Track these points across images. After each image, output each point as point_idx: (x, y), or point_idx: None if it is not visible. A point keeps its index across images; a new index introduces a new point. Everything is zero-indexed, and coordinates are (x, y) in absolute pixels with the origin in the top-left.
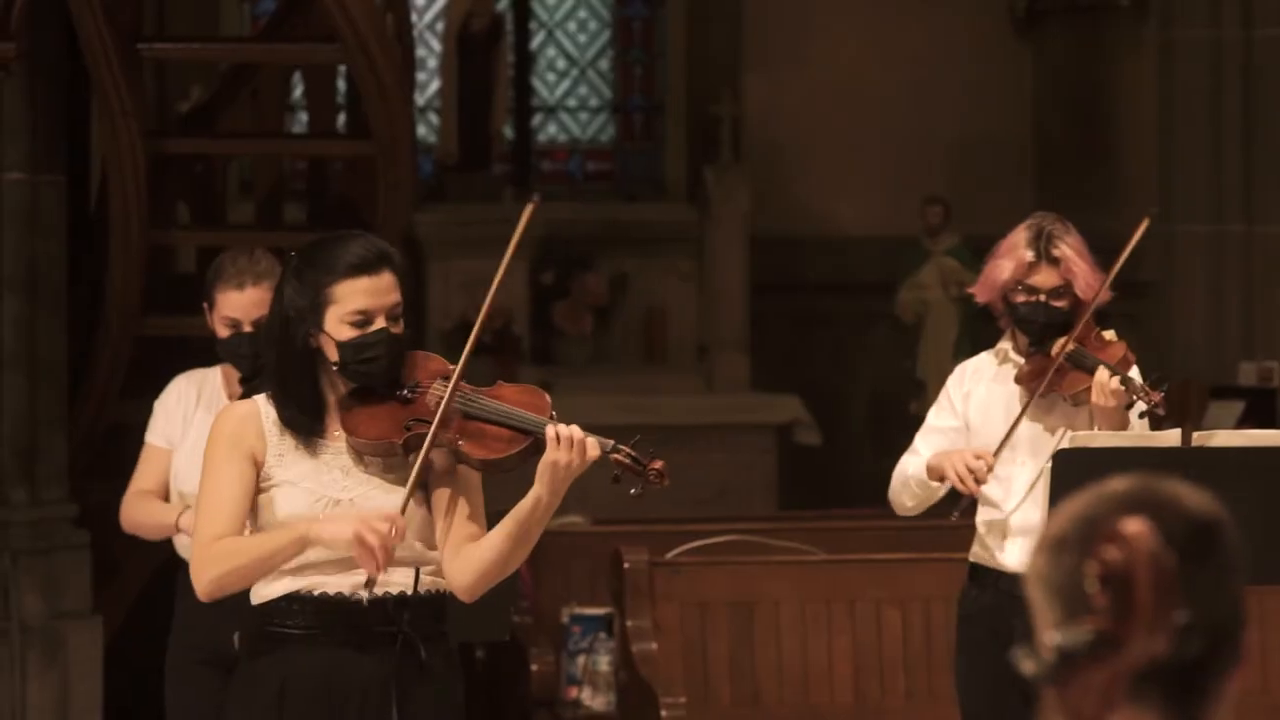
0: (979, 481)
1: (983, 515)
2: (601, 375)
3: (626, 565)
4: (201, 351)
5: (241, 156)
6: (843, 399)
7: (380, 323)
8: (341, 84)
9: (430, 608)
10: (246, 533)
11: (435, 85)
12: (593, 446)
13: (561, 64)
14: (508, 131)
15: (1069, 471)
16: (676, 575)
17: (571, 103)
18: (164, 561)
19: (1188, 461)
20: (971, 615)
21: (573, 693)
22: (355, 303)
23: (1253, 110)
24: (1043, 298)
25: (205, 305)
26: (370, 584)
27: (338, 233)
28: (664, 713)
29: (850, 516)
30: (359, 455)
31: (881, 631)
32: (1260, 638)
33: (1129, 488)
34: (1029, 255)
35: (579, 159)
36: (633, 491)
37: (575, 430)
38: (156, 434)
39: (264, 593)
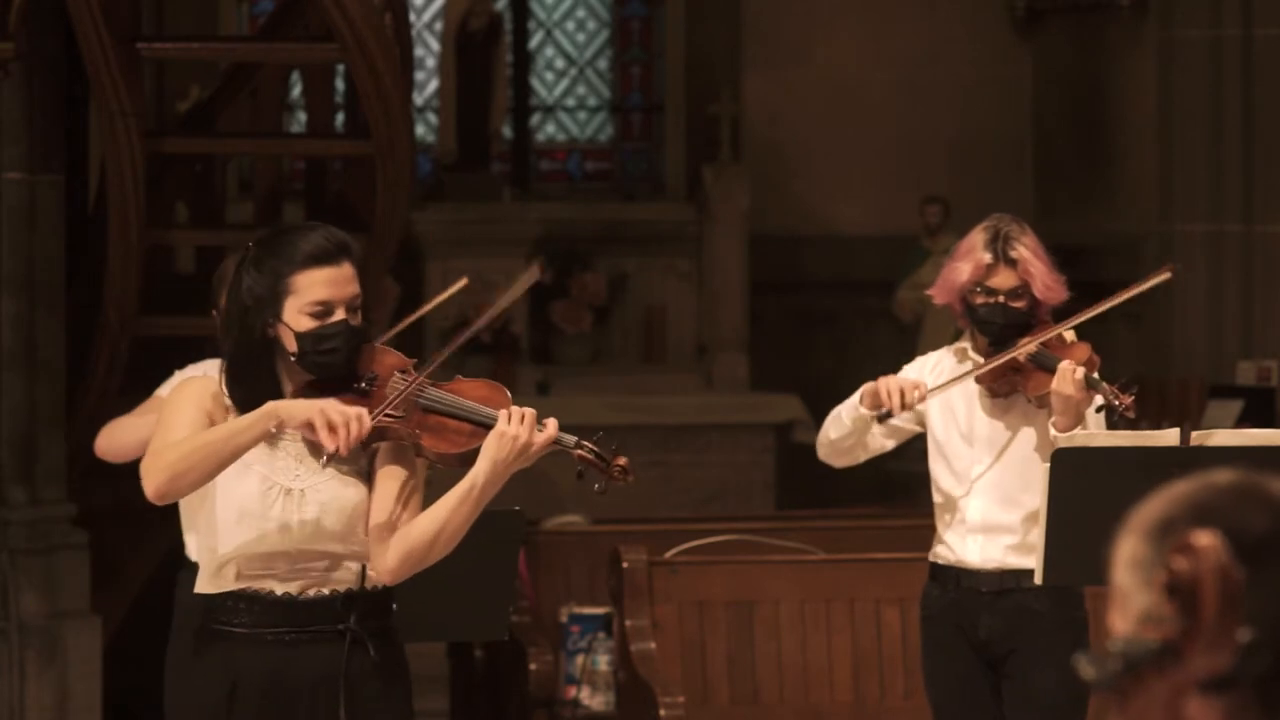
0: (905, 403)
1: (941, 514)
2: (600, 375)
3: (625, 565)
4: (197, 350)
5: (240, 156)
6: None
7: (340, 314)
8: (340, 83)
9: (377, 604)
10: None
11: (434, 84)
12: (549, 428)
13: (560, 63)
14: (506, 131)
15: (1068, 471)
16: (675, 575)
17: (570, 102)
18: (164, 561)
19: (1186, 461)
20: (934, 615)
21: (571, 692)
22: (315, 294)
23: (1253, 110)
24: (1001, 299)
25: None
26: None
27: (299, 223)
28: (663, 712)
29: (849, 516)
30: (314, 445)
31: (881, 631)
32: None
33: (1235, 479)
34: (986, 257)
35: (578, 158)
36: (596, 488)
37: (530, 410)
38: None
39: (209, 587)
